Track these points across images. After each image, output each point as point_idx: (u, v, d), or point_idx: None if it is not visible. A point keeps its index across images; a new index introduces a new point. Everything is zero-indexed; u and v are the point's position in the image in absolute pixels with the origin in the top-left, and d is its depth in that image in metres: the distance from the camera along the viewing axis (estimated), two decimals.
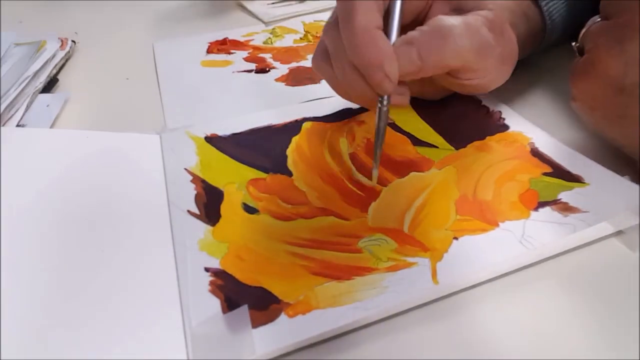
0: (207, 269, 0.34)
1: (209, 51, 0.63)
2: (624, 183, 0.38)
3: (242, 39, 0.66)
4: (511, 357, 0.29)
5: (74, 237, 0.36)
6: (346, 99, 0.44)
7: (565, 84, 0.41)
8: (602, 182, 0.39)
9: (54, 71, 0.58)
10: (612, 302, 0.32)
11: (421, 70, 0.39)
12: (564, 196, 0.38)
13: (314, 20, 0.71)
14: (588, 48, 0.37)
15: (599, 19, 0.38)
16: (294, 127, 0.47)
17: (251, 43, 0.65)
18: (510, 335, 0.30)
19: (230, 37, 0.66)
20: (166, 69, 0.59)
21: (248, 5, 0.74)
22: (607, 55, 0.35)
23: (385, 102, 0.39)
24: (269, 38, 0.66)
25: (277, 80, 0.56)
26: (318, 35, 0.66)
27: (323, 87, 0.54)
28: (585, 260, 0.35)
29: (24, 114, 0.50)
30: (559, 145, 0.43)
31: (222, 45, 0.64)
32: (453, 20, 0.39)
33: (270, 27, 0.69)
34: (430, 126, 0.46)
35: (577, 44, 0.39)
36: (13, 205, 0.38)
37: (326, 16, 0.71)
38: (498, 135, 0.44)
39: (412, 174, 0.41)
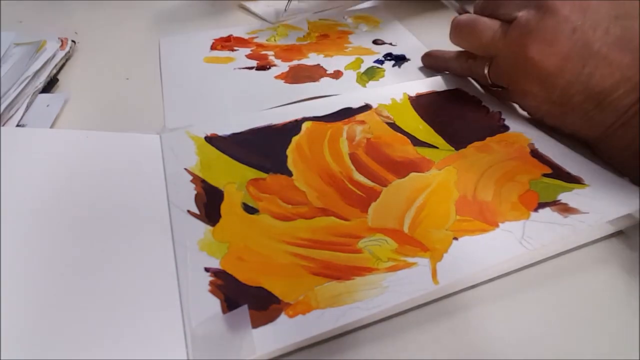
0: (207, 269, 0.34)
1: (212, 47, 0.63)
2: (623, 184, 0.38)
3: (246, 36, 0.66)
4: (511, 357, 0.29)
5: (74, 237, 0.36)
6: None
7: None
8: (601, 184, 0.39)
9: (54, 71, 0.58)
10: (612, 301, 0.32)
11: None
12: (563, 197, 0.38)
13: (319, 19, 0.71)
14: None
15: None
16: (294, 126, 0.47)
17: (255, 40, 0.65)
18: (510, 335, 0.30)
19: (235, 34, 0.66)
20: (170, 66, 0.60)
21: (252, 6, 0.74)
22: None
23: None
24: (273, 36, 0.66)
25: (276, 77, 0.56)
26: (321, 33, 0.66)
27: (321, 85, 0.54)
28: (585, 259, 0.35)
29: (23, 114, 0.50)
30: (559, 146, 0.43)
31: (226, 42, 0.64)
32: None
33: (276, 25, 0.69)
34: (431, 126, 0.46)
35: None
36: (13, 205, 0.38)
37: (331, 15, 0.71)
38: (498, 136, 0.45)
39: (412, 174, 0.41)
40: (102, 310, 0.32)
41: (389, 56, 0.59)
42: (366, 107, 0.49)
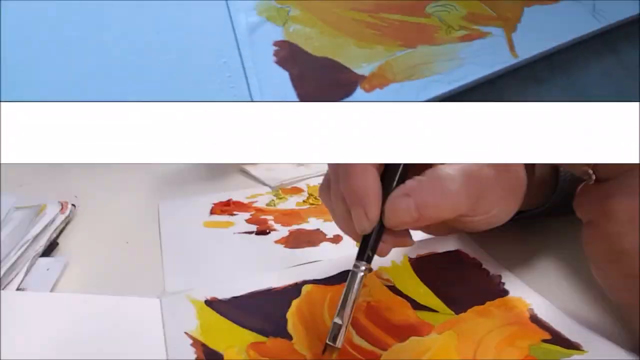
0: None
1: (212, 212, 0.65)
2: (621, 354, 0.38)
3: (246, 201, 0.68)
4: None
5: None
6: (344, 232, 0.43)
7: (566, 249, 0.42)
8: (600, 351, 0.39)
9: (54, 235, 0.59)
10: None
11: (418, 221, 0.37)
12: None
13: (319, 183, 0.72)
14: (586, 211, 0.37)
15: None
16: (293, 290, 0.47)
17: (255, 205, 0.67)
18: None
19: (235, 199, 0.68)
20: (169, 229, 0.61)
21: (252, 170, 0.76)
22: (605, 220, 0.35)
23: (362, 268, 0.38)
24: (272, 200, 0.67)
25: (276, 242, 0.57)
26: None
27: (322, 250, 0.55)
28: None
29: (24, 278, 0.50)
30: (557, 312, 0.43)
31: (226, 207, 0.65)
32: (451, 171, 0.37)
33: (275, 190, 0.71)
34: (431, 289, 0.47)
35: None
36: None
37: None
38: (498, 301, 0.45)
39: (412, 338, 0.41)
40: None
41: None
42: None
